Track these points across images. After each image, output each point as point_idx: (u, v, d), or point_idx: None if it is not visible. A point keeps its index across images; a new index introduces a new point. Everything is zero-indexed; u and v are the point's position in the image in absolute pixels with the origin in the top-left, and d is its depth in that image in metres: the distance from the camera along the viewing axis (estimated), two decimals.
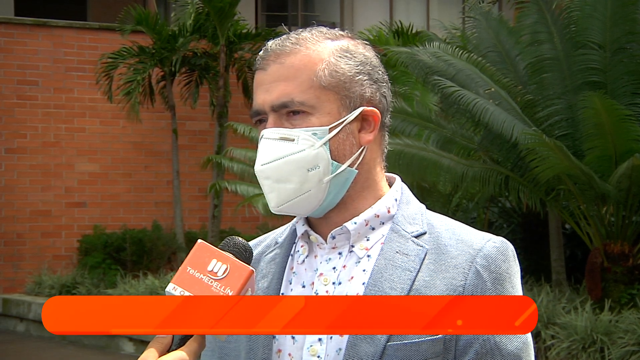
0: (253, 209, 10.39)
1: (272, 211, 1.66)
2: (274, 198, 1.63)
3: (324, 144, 1.61)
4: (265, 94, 1.63)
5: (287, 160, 1.60)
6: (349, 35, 1.69)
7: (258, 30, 13.33)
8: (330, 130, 1.61)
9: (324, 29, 1.68)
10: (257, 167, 1.63)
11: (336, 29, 1.71)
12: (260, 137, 1.64)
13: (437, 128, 9.43)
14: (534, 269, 10.08)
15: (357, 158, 1.64)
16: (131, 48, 12.54)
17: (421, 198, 10.10)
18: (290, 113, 1.61)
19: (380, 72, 1.68)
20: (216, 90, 12.62)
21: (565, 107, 8.52)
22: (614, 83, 8.40)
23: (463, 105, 8.12)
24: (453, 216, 9.84)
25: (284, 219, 1.69)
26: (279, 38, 1.66)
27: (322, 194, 1.62)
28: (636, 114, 7.94)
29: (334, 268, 1.64)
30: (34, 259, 13.10)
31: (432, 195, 10.13)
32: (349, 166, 1.63)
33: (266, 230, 7.55)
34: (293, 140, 1.60)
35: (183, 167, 13.24)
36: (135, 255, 12.43)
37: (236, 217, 13.12)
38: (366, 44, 1.69)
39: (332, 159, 1.61)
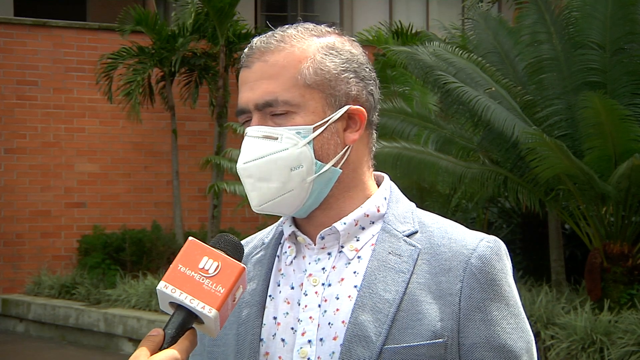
0: None
1: (254, 210, 1.64)
2: (256, 197, 1.61)
3: (308, 143, 1.58)
4: (249, 92, 1.61)
5: (269, 158, 1.58)
6: (336, 31, 1.66)
7: (257, 31, 13.32)
8: (315, 129, 1.58)
9: (310, 26, 1.65)
10: (239, 165, 1.62)
11: (324, 25, 1.67)
12: (244, 135, 1.63)
13: (437, 128, 9.41)
14: (534, 269, 10.07)
15: (342, 157, 1.61)
16: (131, 48, 12.53)
17: (420, 198, 10.03)
18: (274, 112, 1.59)
19: (367, 69, 1.65)
20: (216, 91, 12.61)
21: (564, 107, 8.51)
22: (614, 83, 8.39)
23: (464, 102, 8.10)
24: (452, 216, 9.86)
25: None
26: (264, 35, 1.63)
27: (305, 193, 1.59)
28: (636, 114, 7.93)
29: (323, 269, 1.61)
30: (33, 259, 13.09)
31: (431, 196, 10.13)
32: (333, 165, 1.60)
33: None
34: (276, 138, 1.58)
35: (183, 168, 13.23)
36: (134, 256, 12.41)
37: (235, 217, 13.11)
38: (354, 40, 1.66)
39: (315, 158, 1.59)
